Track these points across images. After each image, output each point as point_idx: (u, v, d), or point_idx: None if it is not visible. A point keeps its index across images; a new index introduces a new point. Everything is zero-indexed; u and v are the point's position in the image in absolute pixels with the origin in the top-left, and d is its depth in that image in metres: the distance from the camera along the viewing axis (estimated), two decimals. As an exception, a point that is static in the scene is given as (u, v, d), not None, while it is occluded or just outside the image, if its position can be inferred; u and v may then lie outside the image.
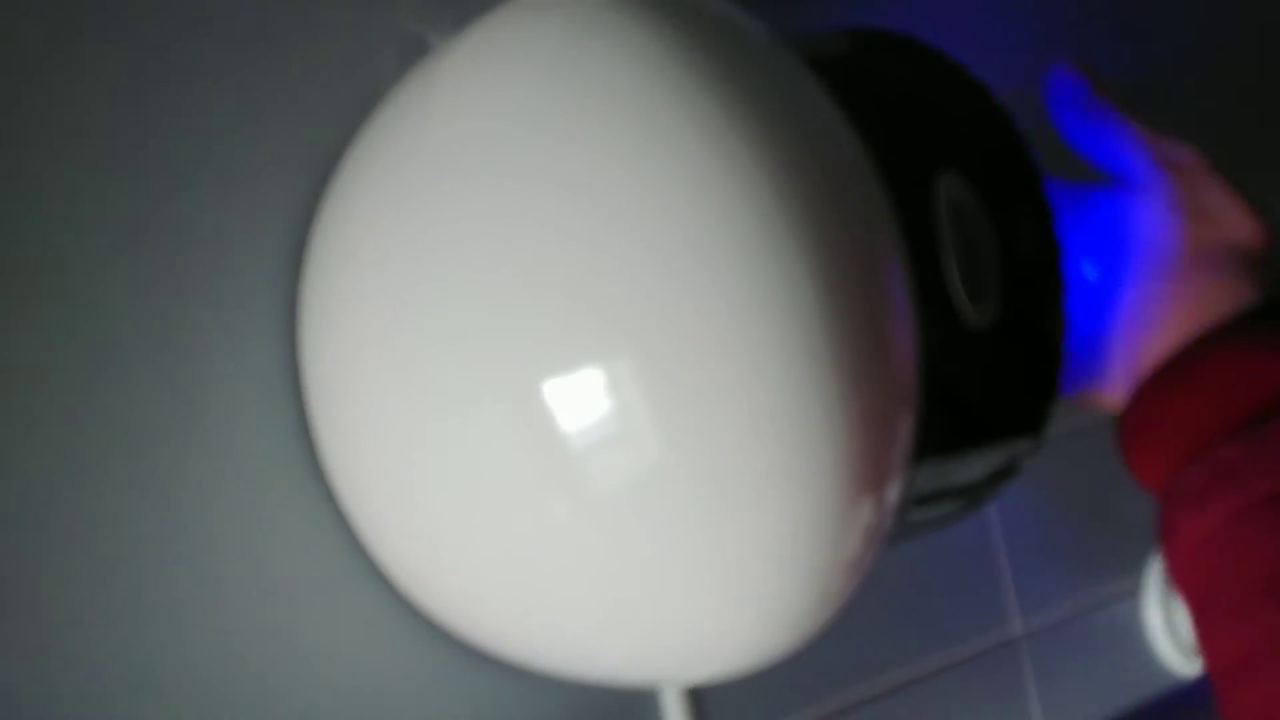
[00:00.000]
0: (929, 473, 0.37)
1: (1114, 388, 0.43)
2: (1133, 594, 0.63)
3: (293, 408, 0.37)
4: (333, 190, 0.36)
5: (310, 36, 0.38)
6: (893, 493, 0.33)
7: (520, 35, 0.33)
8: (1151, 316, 0.41)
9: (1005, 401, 0.39)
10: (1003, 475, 0.40)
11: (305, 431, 0.37)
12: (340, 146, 0.37)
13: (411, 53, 0.39)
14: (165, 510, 0.34)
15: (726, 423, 0.30)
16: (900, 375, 0.32)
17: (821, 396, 0.31)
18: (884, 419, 0.32)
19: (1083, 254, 0.42)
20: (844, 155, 0.32)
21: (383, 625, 0.38)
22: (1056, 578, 0.60)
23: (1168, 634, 0.63)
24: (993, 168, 0.39)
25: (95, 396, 0.34)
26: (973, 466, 0.39)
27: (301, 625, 0.36)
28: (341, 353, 0.35)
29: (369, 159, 0.35)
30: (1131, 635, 0.63)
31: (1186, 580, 0.40)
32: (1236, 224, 0.41)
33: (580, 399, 0.30)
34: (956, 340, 0.36)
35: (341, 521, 0.37)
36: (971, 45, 0.44)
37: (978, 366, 0.37)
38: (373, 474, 0.35)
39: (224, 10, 0.36)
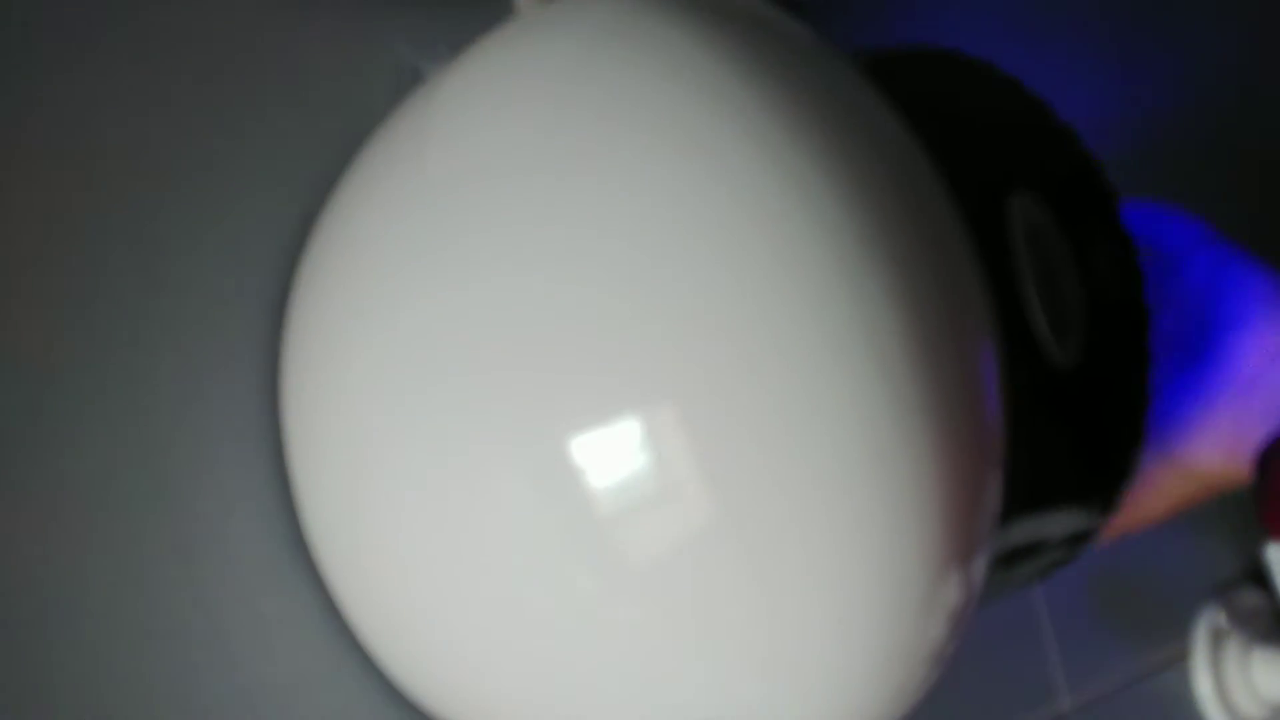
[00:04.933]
0: (1006, 535, 0.33)
1: (1221, 453, 0.41)
2: (1182, 661, 0.62)
3: (272, 472, 0.34)
4: (322, 229, 0.34)
5: (298, 66, 0.36)
6: (980, 565, 0.29)
7: (526, 59, 0.31)
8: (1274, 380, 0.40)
9: (1092, 451, 0.35)
10: (1082, 538, 0.36)
11: (288, 503, 0.34)
12: (329, 182, 0.35)
13: (405, 82, 0.37)
14: (137, 598, 0.32)
15: (787, 482, 0.27)
16: (989, 425, 0.29)
17: (904, 451, 0.27)
18: (973, 476, 0.29)
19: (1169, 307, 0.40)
20: (919, 178, 0.30)
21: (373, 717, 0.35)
22: (1103, 647, 0.59)
23: (1218, 701, 0.61)
24: (1065, 188, 0.36)
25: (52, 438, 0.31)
26: (1053, 525, 0.35)
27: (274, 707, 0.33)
28: (330, 408, 0.32)
29: (362, 196, 0.33)
30: (1182, 704, 0.62)
31: None
32: None
33: (611, 454, 0.27)
34: (1042, 382, 0.32)
35: (328, 602, 0.34)
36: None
37: (1063, 411, 0.33)
38: (364, 545, 0.32)
39: (209, 40, 0.35)
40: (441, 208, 0.29)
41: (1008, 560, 0.35)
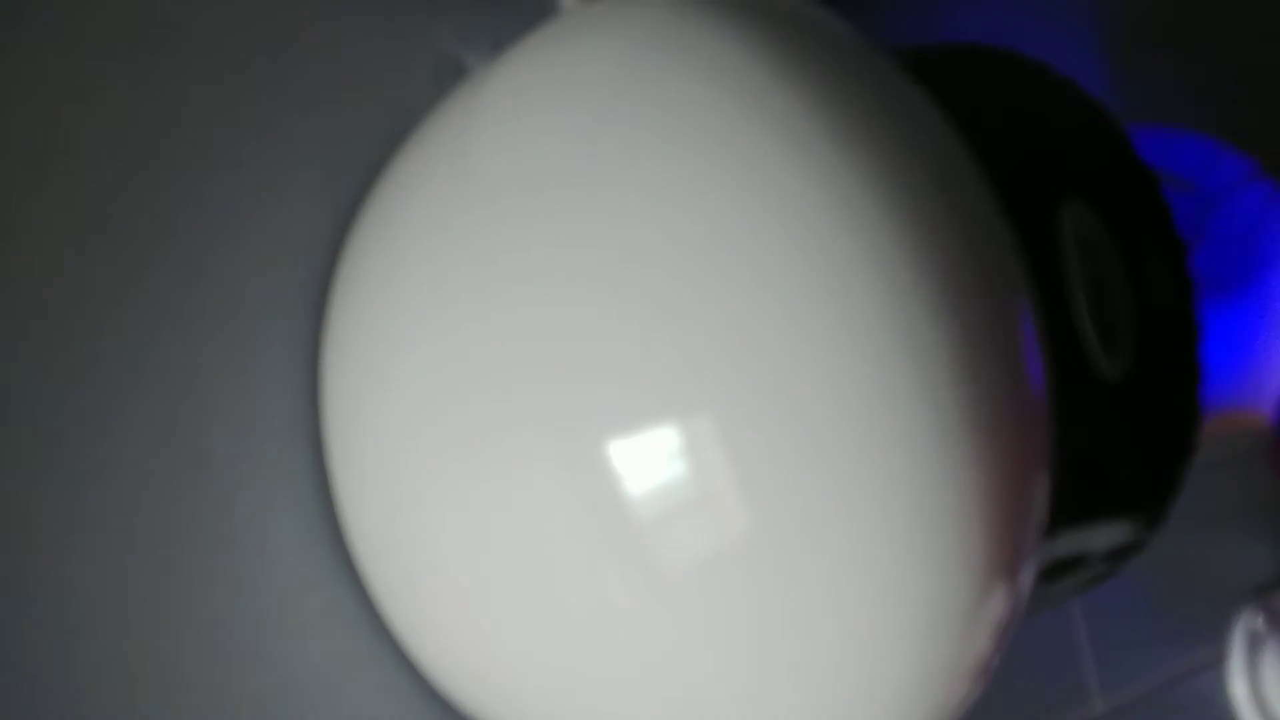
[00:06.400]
0: (1050, 548, 0.32)
1: (1249, 394, 0.40)
2: (1216, 665, 0.61)
3: (310, 463, 0.34)
4: (362, 226, 0.33)
5: (337, 60, 0.35)
6: (1025, 579, 0.29)
7: (574, 54, 0.30)
8: None
9: (1139, 464, 0.34)
10: (1126, 551, 0.35)
11: (328, 500, 0.34)
12: (370, 177, 0.35)
13: (448, 76, 0.37)
14: (174, 595, 0.31)
15: (826, 494, 0.26)
16: (1036, 437, 0.28)
17: (949, 461, 0.27)
18: (1018, 489, 0.28)
19: (1222, 259, 0.39)
20: (967, 186, 0.29)
21: (401, 710, 0.35)
22: (1137, 650, 0.58)
23: (1254, 705, 0.61)
24: (1119, 197, 0.35)
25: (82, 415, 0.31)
26: (1097, 539, 0.34)
27: (311, 704, 0.33)
28: (367, 407, 0.31)
29: (402, 193, 0.32)
30: (1216, 708, 0.61)
31: None
32: None
33: (650, 461, 0.27)
34: (1089, 394, 0.32)
35: (365, 600, 0.34)
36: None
37: (1111, 423, 0.33)
38: (398, 540, 0.31)
39: (245, 34, 0.34)
40: (485, 213, 0.29)
41: (1049, 574, 0.35)
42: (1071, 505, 0.31)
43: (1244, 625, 0.61)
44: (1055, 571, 0.34)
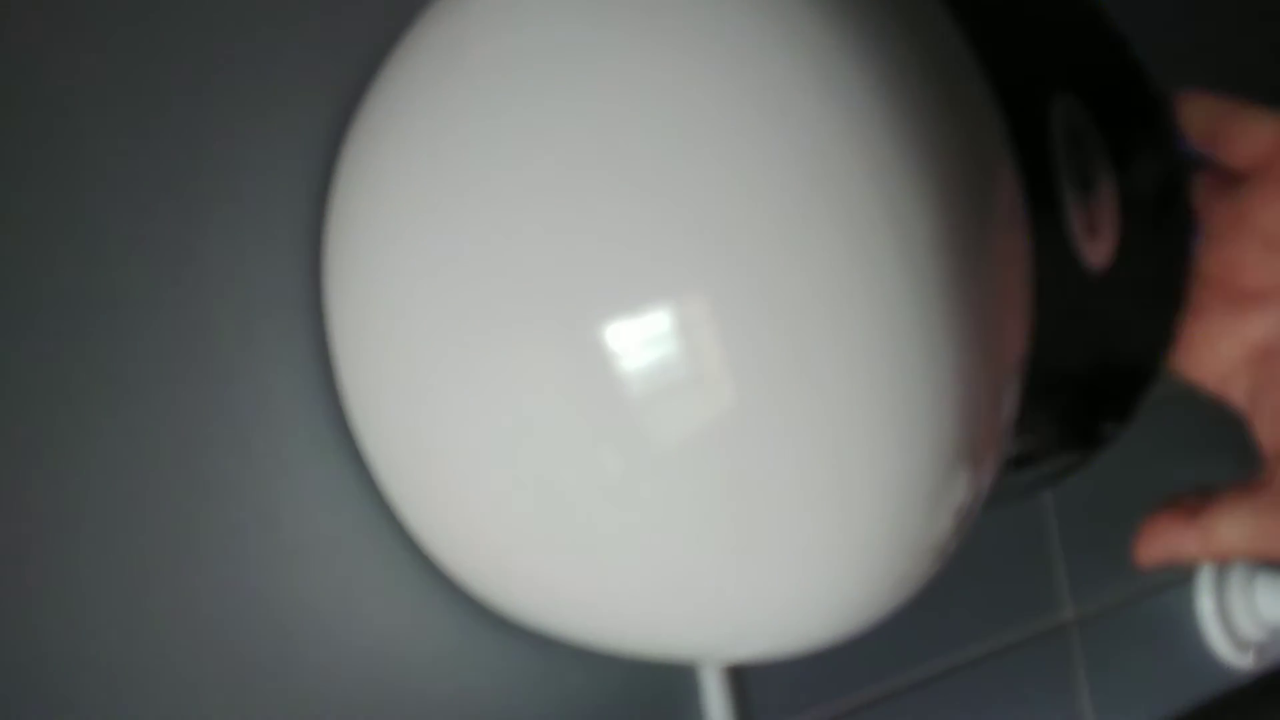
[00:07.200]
0: (1021, 436, 0.33)
1: None
2: (1187, 581, 0.62)
3: (315, 349, 0.34)
4: (361, 118, 0.33)
5: None
6: (991, 464, 0.29)
7: None
8: None
9: (1116, 355, 0.35)
10: (1101, 441, 0.36)
11: (330, 379, 0.34)
12: (371, 67, 0.35)
13: None
14: (183, 465, 0.32)
15: (808, 371, 0.27)
16: (1012, 323, 0.28)
17: (927, 347, 0.27)
18: (991, 374, 0.29)
19: None
20: (957, 71, 0.29)
21: (407, 587, 0.36)
22: (1110, 561, 0.58)
23: (1220, 621, 0.62)
24: (1111, 92, 0.35)
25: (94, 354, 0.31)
26: (1069, 428, 0.35)
27: (322, 586, 0.34)
28: (371, 290, 0.32)
29: (401, 83, 0.32)
30: (1184, 622, 0.62)
31: None
32: None
33: (639, 339, 0.27)
34: (1071, 281, 0.32)
35: (366, 475, 0.35)
36: None
37: (1090, 312, 0.33)
38: (400, 417, 0.32)
39: None
40: (480, 110, 0.29)
41: (1019, 461, 0.35)
42: (1044, 392, 0.32)
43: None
44: (1025, 460, 0.35)
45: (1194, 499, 0.37)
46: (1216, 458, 0.64)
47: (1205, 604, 0.61)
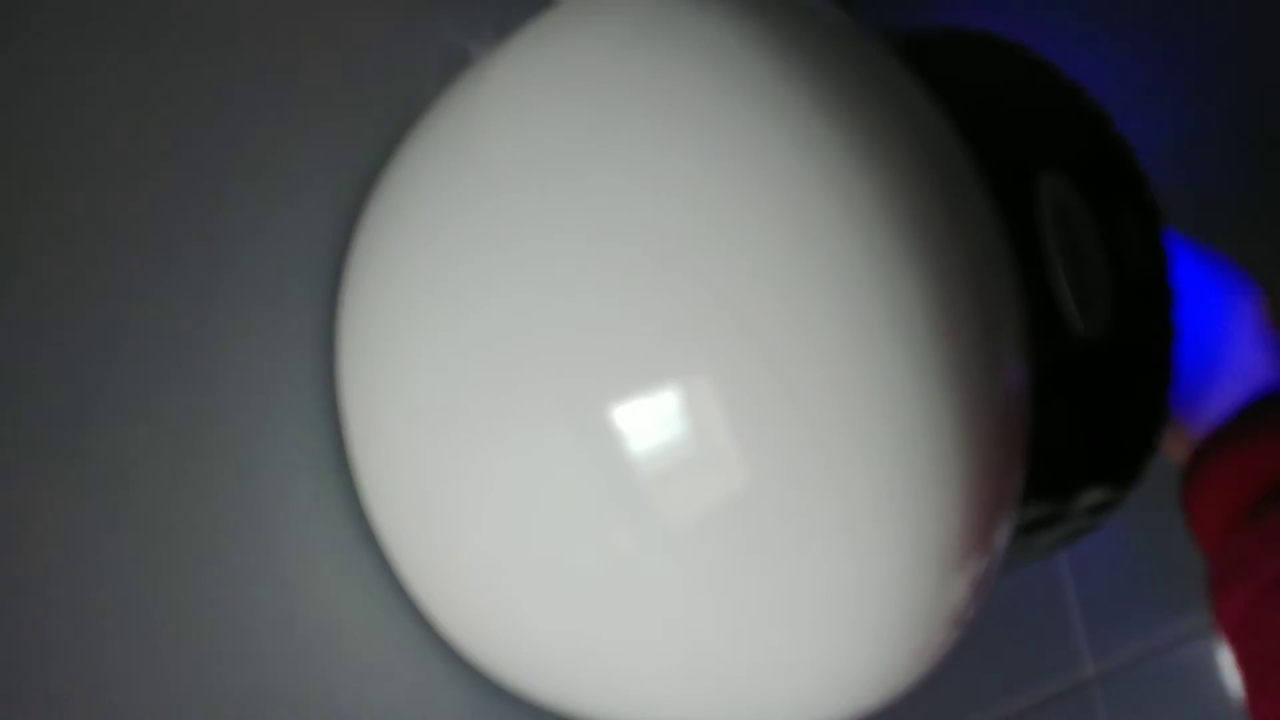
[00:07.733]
0: (1028, 505, 0.33)
1: (1196, 428, 0.42)
2: (1207, 632, 0.61)
3: (329, 435, 0.35)
4: (372, 207, 0.34)
5: (344, 49, 0.36)
6: (1004, 531, 0.30)
7: (574, 39, 0.31)
8: (1248, 366, 0.41)
9: (1115, 425, 0.35)
10: (1106, 506, 0.36)
11: (343, 462, 0.35)
12: (378, 164, 0.35)
13: (453, 63, 0.37)
14: (195, 542, 0.32)
15: (817, 452, 0.28)
16: (1012, 398, 0.29)
17: (927, 424, 0.28)
18: (995, 450, 0.29)
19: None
20: (949, 158, 0.30)
21: (422, 669, 0.36)
22: (1128, 616, 0.59)
23: None
24: (1095, 167, 0.36)
25: (111, 407, 0.31)
26: (1075, 496, 0.35)
27: (338, 671, 0.34)
28: (383, 377, 0.32)
29: (412, 176, 0.33)
30: (1205, 675, 0.62)
31: (1233, 649, 0.40)
32: None
33: (652, 420, 0.28)
34: (1066, 354, 0.33)
35: (382, 562, 0.35)
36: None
37: (1087, 384, 0.34)
38: (413, 501, 0.32)
39: (255, 23, 0.34)
40: (492, 196, 0.30)
41: (1030, 528, 0.36)
42: (1048, 464, 0.32)
43: (1233, 594, 0.61)
44: (1036, 525, 0.36)
45: None
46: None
47: (1227, 655, 0.61)
